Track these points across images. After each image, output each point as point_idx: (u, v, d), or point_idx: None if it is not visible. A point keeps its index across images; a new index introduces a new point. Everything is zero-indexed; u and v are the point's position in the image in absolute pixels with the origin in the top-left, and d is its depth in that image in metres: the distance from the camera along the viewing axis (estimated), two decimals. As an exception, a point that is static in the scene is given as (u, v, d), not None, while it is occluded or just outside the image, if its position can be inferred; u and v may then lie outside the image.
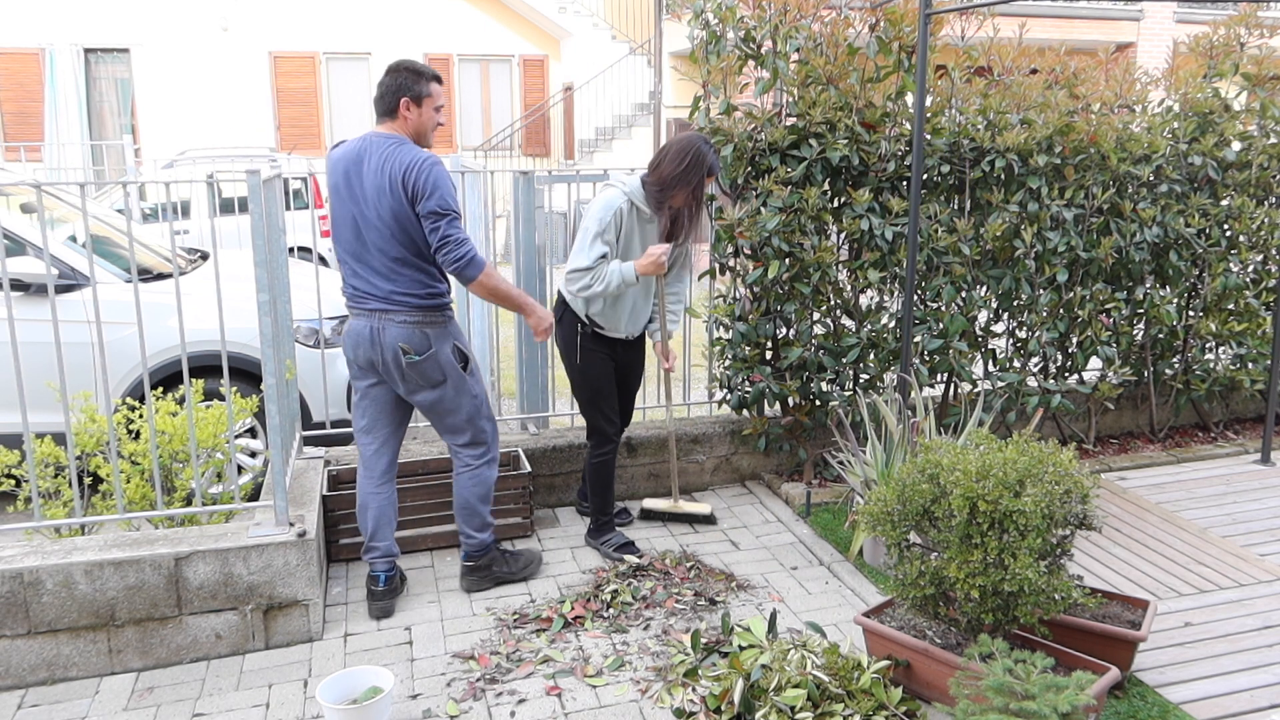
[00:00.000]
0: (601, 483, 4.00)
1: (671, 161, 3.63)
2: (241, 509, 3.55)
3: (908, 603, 2.92)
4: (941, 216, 4.52)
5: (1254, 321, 5.30)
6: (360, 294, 3.36)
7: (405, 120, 3.31)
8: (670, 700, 2.94)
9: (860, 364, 4.55)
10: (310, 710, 2.94)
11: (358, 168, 3.27)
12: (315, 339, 4.83)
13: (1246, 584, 3.65)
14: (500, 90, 17.60)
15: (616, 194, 3.71)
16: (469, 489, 3.59)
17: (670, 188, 3.66)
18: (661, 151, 3.69)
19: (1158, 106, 5.07)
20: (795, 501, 4.48)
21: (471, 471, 3.58)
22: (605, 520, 4.04)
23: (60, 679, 3.11)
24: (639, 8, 17.05)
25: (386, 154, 3.23)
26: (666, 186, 3.66)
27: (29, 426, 3.22)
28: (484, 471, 3.59)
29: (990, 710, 2.35)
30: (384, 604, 3.50)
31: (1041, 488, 2.67)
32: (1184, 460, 5.06)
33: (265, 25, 16.17)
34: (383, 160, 3.22)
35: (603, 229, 3.66)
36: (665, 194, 3.68)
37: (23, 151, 13.82)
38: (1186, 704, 2.89)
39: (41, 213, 3.15)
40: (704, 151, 3.64)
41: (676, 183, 3.64)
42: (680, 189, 3.66)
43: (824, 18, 4.34)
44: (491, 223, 5.08)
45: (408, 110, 3.30)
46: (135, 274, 3.32)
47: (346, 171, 3.29)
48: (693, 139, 3.67)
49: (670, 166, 3.64)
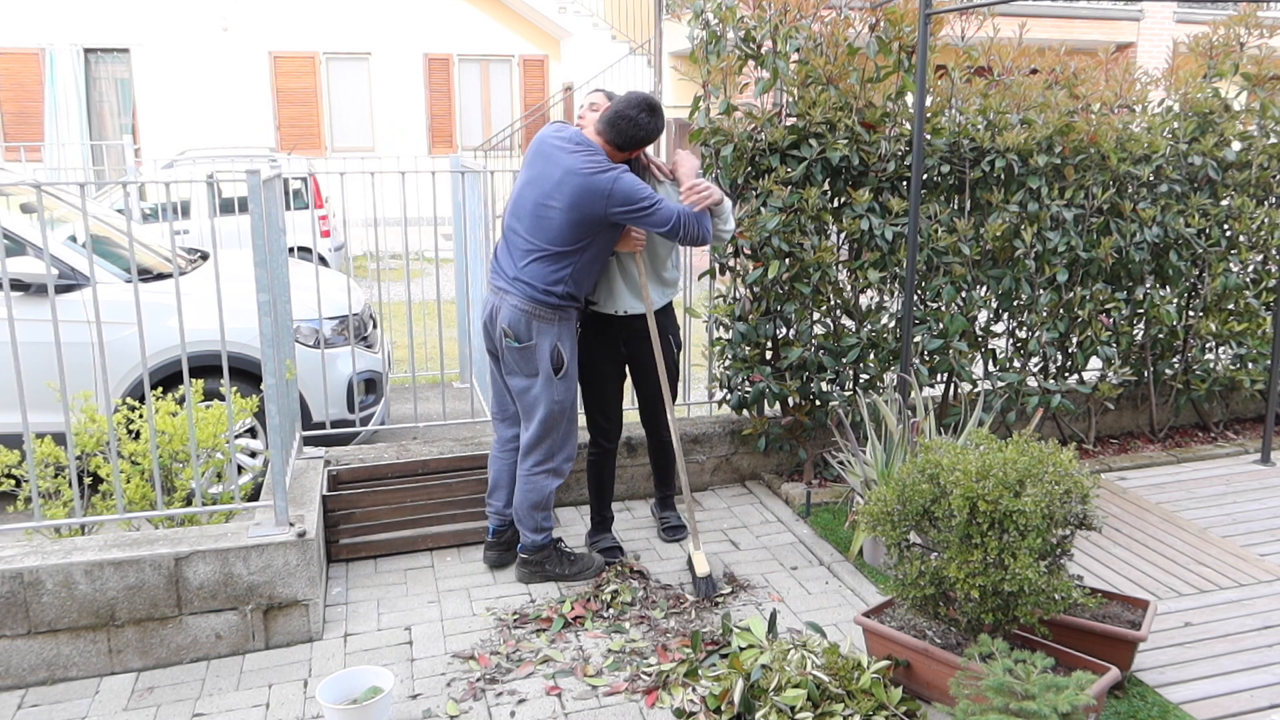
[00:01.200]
0: (591, 482, 4.01)
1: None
2: (241, 509, 3.55)
3: (908, 603, 2.92)
4: (941, 216, 4.52)
5: (1254, 321, 5.30)
6: (497, 271, 3.59)
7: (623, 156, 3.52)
8: (670, 700, 2.94)
9: (860, 364, 4.55)
10: (310, 710, 2.94)
11: (554, 155, 3.44)
12: (315, 339, 4.83)
13: (1246, 584, 3.65)
14: (500, 90, 17.59)
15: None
16: (522, 493, 3.67)
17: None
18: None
19: (1158, 106, 5.07)
20: (795, 501, 4.48)
21: (527, 476, 3.65)
22: (598, 520, 4.04)
23: (60, 679, 3.11)
24: (639, 8, 17.05)
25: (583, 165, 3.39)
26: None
27: (29, 426, 3.22)
28: (539, 480, 3.65)
29: (990, 710, 2.35)
30: (492, 555, 3.85)
31: (1041, 488, 2.67)
32: (1184, 460, 5.06)
33: (265, 25, 16.17)
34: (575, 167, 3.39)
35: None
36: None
37: (23, 151, 13.81)
38: (1186, 704, 2.89)
39: (41, 213, 3.15)
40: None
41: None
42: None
43: (824, 18, 4.34)
44: (491, 223, 5.08)
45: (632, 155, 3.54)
46: (135, 274, 3.32)
47: (543, 151, 3.50)
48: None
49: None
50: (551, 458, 3.65)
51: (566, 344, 3.55)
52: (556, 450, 3.65)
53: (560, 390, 3.57)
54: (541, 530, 3.69)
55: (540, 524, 3.68)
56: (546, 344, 3.50)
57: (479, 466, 4.33)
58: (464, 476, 4.18)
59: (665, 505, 4.26)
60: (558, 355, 3.53)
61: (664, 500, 4.27)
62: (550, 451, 3.64)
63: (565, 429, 3.64)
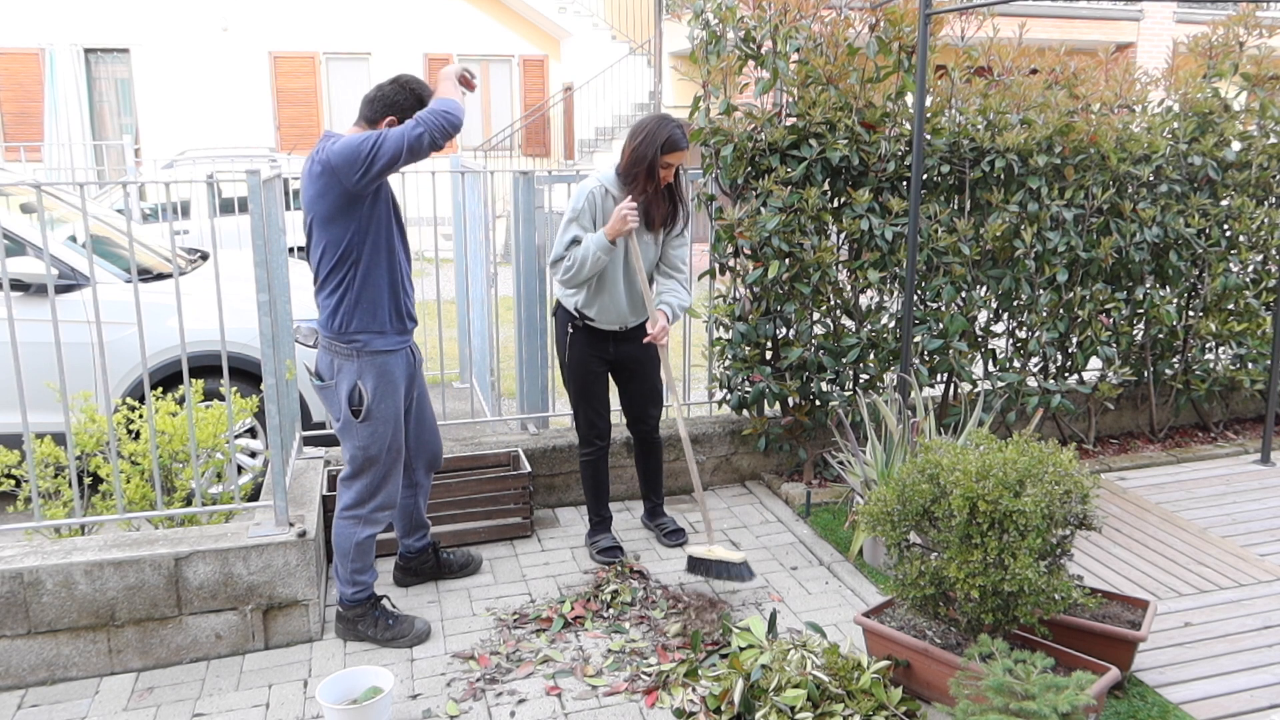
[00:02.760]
0: (587, 483, 4.00)
1: (629, 142, 3.60)
2: (241, 509, 3.55)
3: (908, 603, 2.92)
4: (941, 216, 4.52)
5: (1254, 321, 5.30)
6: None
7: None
8: (670, 700, 2.94)
9: (860, 364, 4.55)
10: (310, 710, 2.94)
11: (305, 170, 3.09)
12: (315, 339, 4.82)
13: (1246, 584, 3.65)
14: (500, 90, 17.59)
15: (590, 180, 3.71)
16: (334, 536, 3.31)
17: (632, 168, 3.59)
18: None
19: (1157, 106, 5.07)
20: (795, 501, 4.48)
21: (336, 520, 3.29)
22: (597, 520, 4.03)
23: (60, 679, 3.10)
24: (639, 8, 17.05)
25: (318, 149, 3.01)
26: (630, 170, 3.60)
27: (29, 426, 3.22)
28: (345, 526, 3.26)
29: (990, 710, 2.35)
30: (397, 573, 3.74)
31: (1041, 488, 2.67)
32: (1184, 460, 5.06)
33: (265, 25, 16.17)
34: (312, 158, 3.02)
35: (576, 214, 3.64)
36: (631, 178, 3.60)
37: (23, 151, 13.80)
38: (1186, 704, 2.89)
39: (41, 213, 3.15)
40: (658, 128, 3.55)
41: (637, 162, 3.57)
42: (641, 168, 3.57)
43: (824, 18, 4.34)
44: (491, 223, 5.08)
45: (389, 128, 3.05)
46: (135, 274, 3.32)
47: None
48: (651, 118, 3.61)
49: (629, 147, 3.60)
50: (362, 504, 3.25)
51: (370, 383, 3.15)
52: (366, 497, 3.25)
53: (363, 435, 3.17)
54: (354, 584, 3.28)
55: (352, 577, 3.28)
56: (345, 385, 3.15)
57: (479, 467, 4.34)
58: (463, 477, 4.18)
59: (656, 514, 4.20)
60: (357, 397, 3.15)
61: (654, 509, 4.20)
62: (360, 497, 3.25)
63: (377, 475, 3.23)
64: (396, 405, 3.24)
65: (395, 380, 3.22)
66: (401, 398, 3.27)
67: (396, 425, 3.25)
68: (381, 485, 3.27)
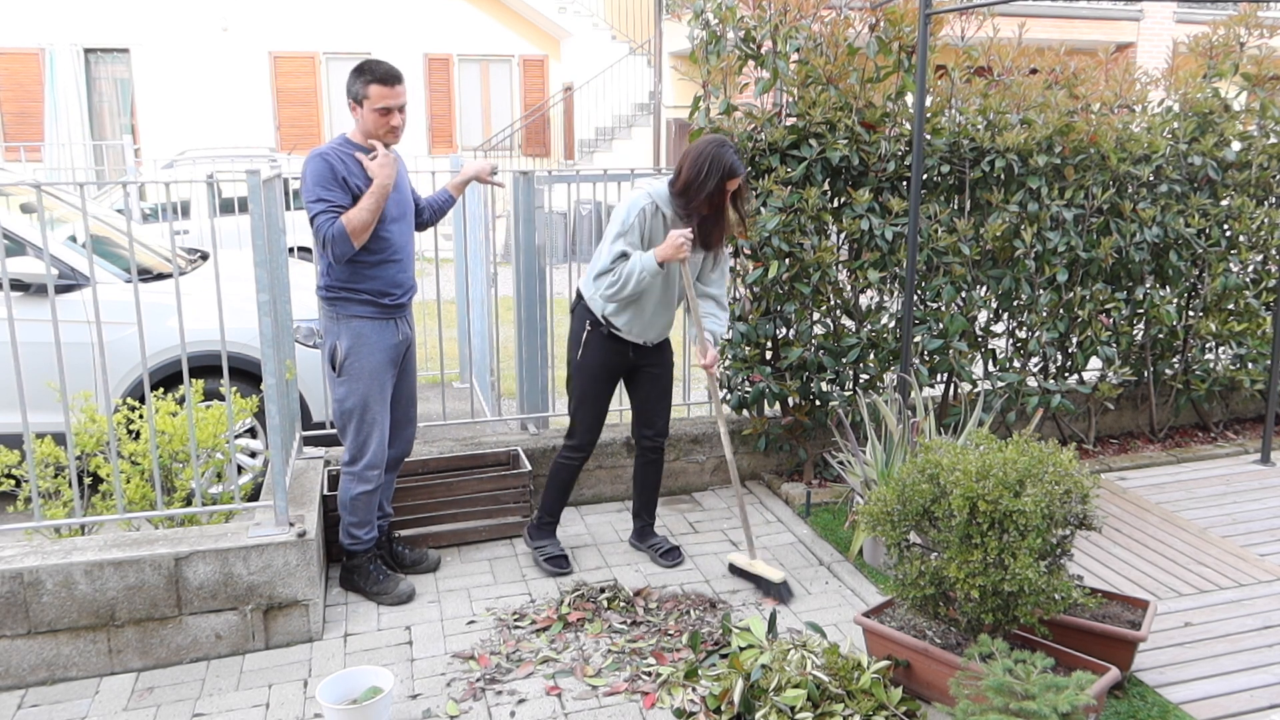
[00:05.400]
0: (555, 482, 3.88)
1: (688, 169, 3.46)
2: (241, 509, 3.55)
3: (908, 603, 2.92)
4: (941, 216, 4.52)
5: (1254, 321, 5.30)
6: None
7: (356, 122, 3.41)
8: (670, 700, 2.94)
9: (860, 364, 4.56)
10: (310, 710, 2.94)
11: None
12: (315, 339, 4.83)
13: (1246, 584, 3.65)
14: (500, 90, 17.60)
15: (641, 195, 3.56)
16: (338, 490, 3.61)
17: (691, 196, 3.48)
18: (680, 160, 3.53)
19: (1157, 106, 5.07)
20: (795, 501, 4.48)
21: (340, 474, 3.59)
22: (548, 520, 3.93)
23: (60, 679, 3.11)
24: (639, 8, 17.06)
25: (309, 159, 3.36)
26: (687, 195, 3.48)
27: (29, 426, 3.22)
28: (343, 480, 3.56)
29: (990, 710, 2.35)
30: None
31: (1041, 488, 2.67)
32: (1184, 460, 5.06)
33: (265, 25, 16.18)
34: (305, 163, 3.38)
35: (625, 229, 3.51)
36: (689, 203, 3.50)
37: (23, 151, 13.81)
38: (1186, 704, 2.89)
39: (41, 213, 3.15)
40: (720, 155, 3.44)
41: (696, 190, 3.46)
42: (700, 195, 3.46)
43: (824, 18, 4.34)
44: (491, 223, 5.08)
45: (353, 113, 3.39)
46: (135, 274, 3.32)
47: None
48: (708, 143, 3.48)
49: (688, 174, 3.47)
50: (354, 461, 3.52)
51: (345, 342, 3.43)
52: (356, 454, 3.51)
53: (340, 390, 3.47)
54: (350, 537, 3.59)
55: (349, 530, 3.59)
56: (328, 342, 3.48)
57: (479, 466, 4.34)
58: (464, 476, 4.18)
59: (646, 534, 4.03)
60: (335, 353, 3.45)
61: (643, 530, 4.03)
62: (351, 454, 3.52)
63: (356, 432, 3.50)
64: (374, 366, 3.47)
65: (371, 342, 3.46)
66: (382, 363, 3.49)
67: (371, 383, 3.47)
68: (367, 442, 3.50)
